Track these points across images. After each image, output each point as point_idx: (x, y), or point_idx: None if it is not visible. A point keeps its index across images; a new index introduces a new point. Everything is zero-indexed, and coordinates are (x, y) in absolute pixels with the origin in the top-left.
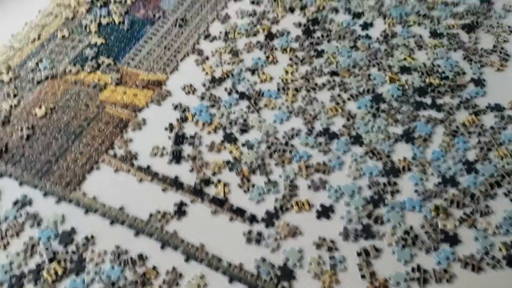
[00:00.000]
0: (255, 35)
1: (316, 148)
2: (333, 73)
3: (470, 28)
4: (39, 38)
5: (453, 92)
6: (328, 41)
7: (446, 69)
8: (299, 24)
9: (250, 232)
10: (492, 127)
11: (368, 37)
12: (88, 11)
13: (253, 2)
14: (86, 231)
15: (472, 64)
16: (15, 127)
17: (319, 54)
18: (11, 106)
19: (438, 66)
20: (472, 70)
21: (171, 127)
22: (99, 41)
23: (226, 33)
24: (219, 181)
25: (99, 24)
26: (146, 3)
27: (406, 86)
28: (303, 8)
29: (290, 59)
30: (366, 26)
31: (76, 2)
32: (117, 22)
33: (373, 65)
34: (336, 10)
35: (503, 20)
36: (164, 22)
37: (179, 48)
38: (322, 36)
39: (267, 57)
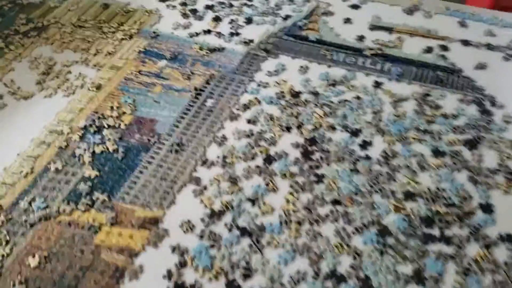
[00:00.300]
0: (253, 158)
1: None
2: (336, 202)
3: (472, 144)
4: (32, 171)
5: (462, 221)
6: (328, 164)
7: (452, 194)
8: (297, 145)
9: None
10: (505, 263)
11: (368, 158)
12: (82, 137)
13: (249, 122)
14: None
15: (478, 187)
16: (7, 281)
17: (320, 179)
18: (2, 256)
19: (443, 190)
20: (479, 194)
21: (169, 274)
22: (93, 173)
23: (224, 157)
24: None
25: (93, 153)
26: (140, 127)
27: (412, 216)
28: (299, 126)
29: (291, 186)
30: (365, 145)
31: (69, 128)
32: (111, 150)
33: (376, 191)
34: (333, 128)
35: (505, 134)
36: (160, 148)
37: (176, 177)
38: (321, 158)
39: (267, 184)
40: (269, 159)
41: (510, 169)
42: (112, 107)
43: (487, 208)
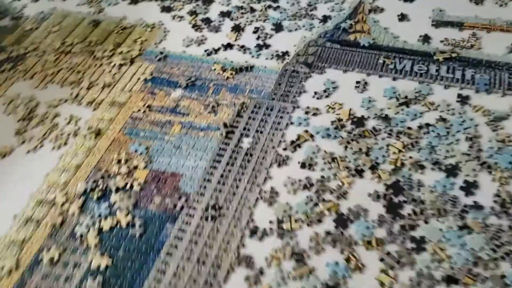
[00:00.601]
0: (320, 220)
1: None
2: (450, 280)
3: None
4: (17, 267)
5: None
6: (426, 221)
7: None
8: (377, 195)
9: None
10: None
11: (478, 207)
12: (82, 208)
13: (303, 166)
14: None
15: None
16: None
17: (419, 245)
18: None
19: None
20: None
21: None
22: (103, 262)
23: (279, 222)
24: None
25: (100, 231)
26: (160, 186)
27: None
28: (374, 167)
29: (381, 259)
30: (469, 187)
31: (63, 197)
32: (124, 224)
33: (502, 257)
34: (420, 166)
35: None
36: (190, 215)
37: (219, 258)
38: (414, 212)
39: (348, 260)
40: (342, 220)
41: None
42: (119, 160)
43: None
